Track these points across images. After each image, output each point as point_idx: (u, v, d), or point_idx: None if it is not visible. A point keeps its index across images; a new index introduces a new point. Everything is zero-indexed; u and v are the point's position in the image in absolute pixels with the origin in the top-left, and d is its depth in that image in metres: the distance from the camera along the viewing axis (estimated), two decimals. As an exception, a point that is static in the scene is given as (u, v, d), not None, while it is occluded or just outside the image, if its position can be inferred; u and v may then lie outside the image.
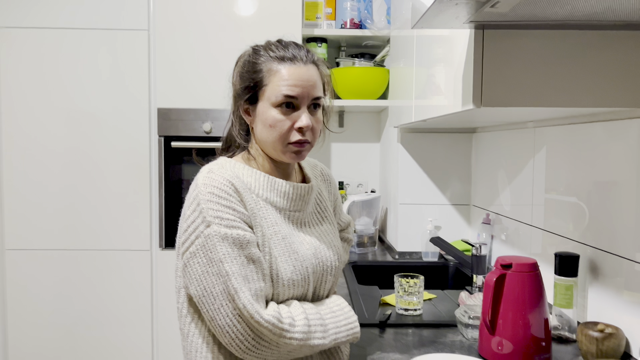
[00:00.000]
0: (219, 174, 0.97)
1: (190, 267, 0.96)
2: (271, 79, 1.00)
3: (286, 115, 1.00)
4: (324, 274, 1.08)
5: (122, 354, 2.30)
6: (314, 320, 0.98)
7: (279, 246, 1.00)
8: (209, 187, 0.95)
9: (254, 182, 1.02)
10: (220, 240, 0.93)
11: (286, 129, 1.00)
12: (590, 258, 1.29)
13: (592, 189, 1.28)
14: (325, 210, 1.16)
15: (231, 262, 0.92)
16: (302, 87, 1.00)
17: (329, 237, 1.12)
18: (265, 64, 1.01)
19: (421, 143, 2.20)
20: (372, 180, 2.81)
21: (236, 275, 0.92)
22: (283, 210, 1.04)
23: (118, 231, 2.27)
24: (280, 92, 0.99)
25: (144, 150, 2.25)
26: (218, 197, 0.95)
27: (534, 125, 1.60)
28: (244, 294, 0.91)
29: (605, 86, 1.04)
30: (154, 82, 2.24)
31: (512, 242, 1.75)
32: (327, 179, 1.24)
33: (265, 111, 1.01)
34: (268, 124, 1.00)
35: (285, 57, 1.01)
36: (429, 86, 1.55)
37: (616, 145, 1.19)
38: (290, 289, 1.00)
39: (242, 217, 0.96)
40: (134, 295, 2.29)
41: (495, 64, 1.03)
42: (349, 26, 2.51)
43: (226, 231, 0.93)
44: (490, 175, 1.97)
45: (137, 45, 2.23)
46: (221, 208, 0.94)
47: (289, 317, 0.95)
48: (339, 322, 1.02)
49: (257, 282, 0.94)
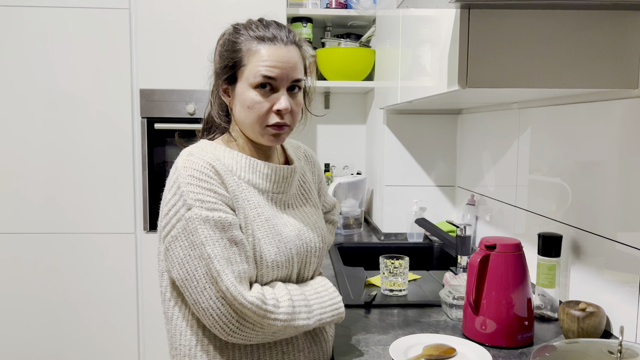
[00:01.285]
0: (199, 157, 0.96)
1: (172, 250, 0.95)
2: (250, 59, 0.98)
3: (265, 97, 0.98)
4: (308, 255, 1.07)
5: (108, 338, 2.29)
6: (298, 301, 0.98)
7: (262, 228, 0.99)
8: (189, 170, 0.94)
9: (235, 165, 1.01)
10: (201, 223, 0.92)
11: (264, 111, 0.99)
12: (572, 238, 1.30)
13: (576, 170, 1.29)
14: (309, 192, 1.15)
15: (213, 244, 0.91)
16: (282, 68, 0.98)
17: (313, 218, 1.12)
18: (245, 43, 0.99)
19: (407, 124, 2.20)
20: (358, 162, 2.80)
21: (218, 257, 0.91)
22: (266, 192, 1.03)
23: (102, 214, 2.24)
24: (258, 73, 0.97)
25: (127, 132, 2.21)
26: (198, 180, 0.93)
27: (518, 106, 1.60)
28: (227, 276, 0.91)
29: (590, 67, 1.04)
30: (135, 63, 2.20)
31: (497, 222, 1.77)
32: (310, 161, 1.23)
33: (243, 92, 0.99)
34: (246, 105, 0.99)
35: (266, 37, 0.99)
36: (414, 67, 1.54)
37: (599, 126, 1.20)
38: (274, 270, 1.00)
39: (223, 200, 0.95)
40: (119, 279, 2.27)
41: (481, 45, 1.02)
42: (334, 6, 2.48)
43: (207, 214, 0.92)
44: (475, 157, 1.98)
45: (118, 24, 2.17)
46: (202, 191, 0.93)
47: (273, 298, 0.95)
48: (323, 302, 1.02)
49: (240, 264, 0.93)
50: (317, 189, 1.24)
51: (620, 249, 1.12)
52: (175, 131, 2.18)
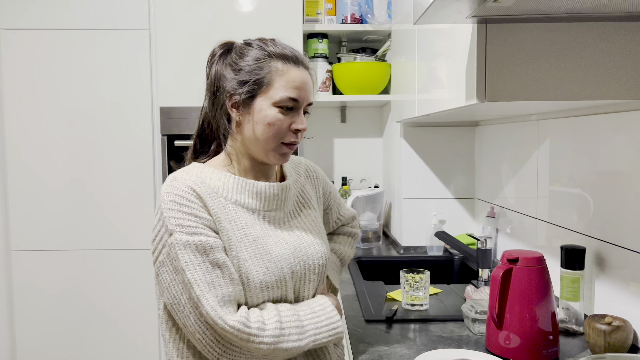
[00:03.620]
0: (181, 181, 0.97)
1: (160, 276, 0.96)
2: (276, 78, 0.99)
3: (285, 116, 1.00)
4: (307, 273, 1.06)
5: (130, 353, 2.31)
6: (288, 322, 0.96)
7: (249, 248, 0.98)
8: (171, 195, 0.95)
9: (222, 186, 1.01)
10: (182, 248, 0.92)
11: (284, 129, 1.00)
12: (596, 250, 1.28)
13: (597, 180, 1.28)
14: (308, 208, 1.14)
15: (194, 269, 0.92)
16: (304, 91, 1.01)
17: (312, 234, 1.10)
18: (268, 61, 1.00)
19: (424, 137, 2.20)
20: (375, 175, 2.80)
21: (199, 282, 0.91)
22: (256, 211, 1.03)
23: (123, 230, 2.27)
24: (285, 94, 0.99)
25: (148, 149, 2.25)
26: (179, 205, 0.94)
27: (537, 117, 1.59)
28: (207, 301, 0.91)
29: (609, 78, 1.03)
30: (155, 81, 2.24)
31: (517, 235, 1.75)
32: (312, 175, 1.21)
33: (264, 109, 0.99)
34: (266, 122, 0.99)
35: (290, 58, 1.01)
36: (431, 80, 1.55)
37: (620, 137, 1.18)
38: (264, 291, 0.98)
39: (204, 223, 0.95)
40: (140, 294, 2.29)
41: (499, 59, 1.02)
42: (349, 21, 2.50)
43: (188, 238, 0.93)
44: (494, 169, 1.97)
45: (138, 45, 2.22)
46: (182, 215, 0.94)
47: (258, 321, 0.94)
48: (319, 322, 1.00)
49: (224, 287, 0.93)
50: (324, 204, 1.23)
51: (646, 261, 1.10)
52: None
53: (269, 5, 2.21)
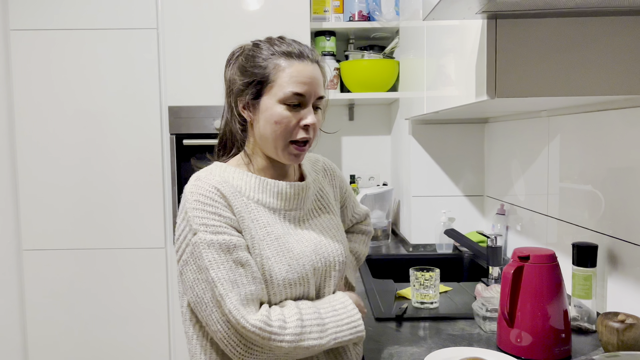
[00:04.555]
0: (205, 181, 0.98)
1: (184, 275, 0.97)
2: (279, 74, 0.99)
3: (292, 112, 0.99)
4: (328, 269, 1.06)
5: (139, 352, 2.32)
6: (309, 320, 0.96)
7: (271, 246, 0.99)
8: (195, 194, 0.96)
9: (244, 185, 1.01)
10: (206, 247, 0.93)
11: (292, 126, 1.00)
12: (608, 247, 1.27)
13: (608, 177, 1.26)
14: (327, 206, 1.14)
15: (217, 268, 0.93)
16: (309, 85, 1.00)
17: (332, 231, 1.11)
18: (272, 59, 1.00)
19: (433, 134, 2.19)
20: (384, 173, 2.80)
21: (222, 281, 0.92)
22: (278, 210, 1.03)
23: (132, 229, 2.28)
24: (289, 89, 0.98)
25: (156, 148, 2.26)
26: (203, 205, 0.95)
27: (547, 114, 1.58)
28: (230, 300, 0.91)
29: (621, 73, 1.02)
30: (164, 81, 2.25)
31: (528, 232, 1.74)
32: (329, 173, 1.22)
33: (270, 107, 0.99)
34: (273, 120, 0.99)
35: (293, 54, 1.00)
36: (440, 77, 1.54)
37: (632, 132, 1.17)
38: (287, 289, 0.99)
39: (228, 222, 0.96)
40: (150, 293, 2.30)
41: (509, 54, 1.01)
42: (357, 18, 2.49)
43: (212, 237, 0.93)
44: (504, 166, 1.95)
45: (146, 44, 2.23)
46: (206, 215, 0.94)
47: (279, 319, 0.94)
48: (340, 320, 0.99)
49: (247, 285, 0.94)
50: (340, 201, 1.23)
51: (659, 258, 1.09)
52: (204, 146, 2.21)
53: (277, 4, 2.21)
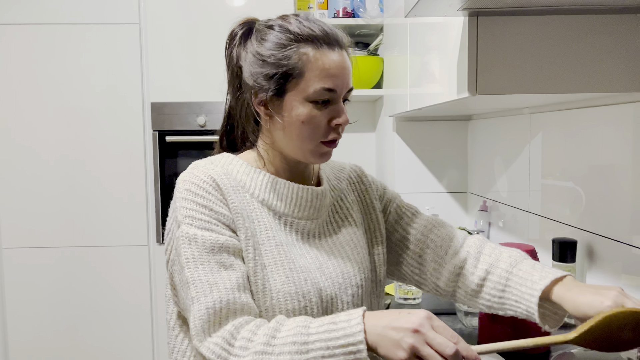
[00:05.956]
0: (203, 170, 0.85)
1: (173, 277, 0.85)
2: (307, 67, 0.83)
3: (321, 111, 0.85)
4: (338, 294, 0.87)
5: (123, 350, 2.30)
6: (285, 337, 0.73)
7: (270, 253, 0.84)
8: (187, 183, 0.84)
9: (250, 181, 0.88)
10: (187, 242, 0.80)
11: (323, 126, 0.86)
12: (587, 243, 1.29)
13: (589, 174, 1.28)
14: (346, 219, 0.96)
15: (195, 267, 0.79)
16: (342, 77, 0.85)
17: (346, 253, 0.92)
18: (296, 47, 0.83)
19: (417, 131, 2.19)
20: (369, 170, 2.77)
21: (197, 282, 0.78)
22: (284, 216, 0.88)
23: (115, 227, 2.26)
24: (319, 85, 0.83)
25: (139, 145, 2.24)
26: (194, 195, 0.83)
27: (529, 111, 1.59)
28: (199, 307, 0.76)
29: (601, 71, 1.03)
30: (146, 76, 2.23)
31: (510, 228, 1.76)
32: (356, 181, 1.04)
33: (296, 105, 0.84)
34: (300, 121, 0.84)
35: (321, 39, 0.84)
36: (423, 74, 1.54)
37: (612, 130, 1.19)
38: (283, 304, 0.82)
39: (220, 219, 0.82)
40: (133, 291, 2.28)
41: (490, 51, 1.02)
42: (341, 15, 2.49)
43: (196, 232, 0.80)
44: (487, 162, 1.97)
45: (128, 39, 2.20)
46: (195, 207, 0.82)
47: (245, 338, 0.74)
48: (333, 340, 0.71)
49: (229, 292, 0.77)
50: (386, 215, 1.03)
51: (636, 253, 1.11)
52: (187, 142, 2.20)
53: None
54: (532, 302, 0.83)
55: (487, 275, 0.91)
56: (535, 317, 0.83)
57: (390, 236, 1.02)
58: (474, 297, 0.93)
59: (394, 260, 1.03)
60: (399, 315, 0.70)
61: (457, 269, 0.95)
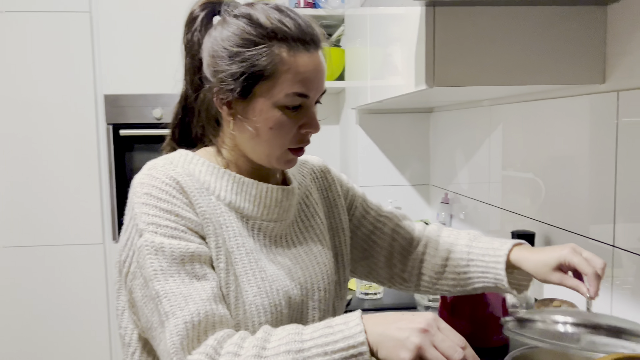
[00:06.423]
0: (162, 171, 0.76)
1: (134, 292, 0.75)
2: (280, 70, 0.75)
3: (291, 117, 0.78)
4: (305, 300, 0.83)
5: (80, 350, 2.22)
6: (276, 347, 0.66)
7: (241, 262, 0.77)
8: (146, 186, 0.75)
9: (215, 182, 0.80)
10: (152, 252, 0.71)
11: (292, 133, 0.79)
12: (546, 235, 1.30)
13: (548, 165, 1.29)
14: (312, 218, 0.90)
15: (164, 280, 0.70)
16: (316, 81, 0.78)
17: (314, 253, 0.87)
18: (268, 46, 0.75)
19: (379, 124, 2.18)
20: (333, 163, 2.77)
21: (170, 295, 0.69)
22: (252, 219, 0.81)
23: (68, 225, 2.17)
24: (292, 90, 0.76)
25: (92, 139, 2.15)
26: (156, 199, 0.74)
27: (489, 103, 1.59)
28: (175, 322, 0.68)
29: (557, 63, 1.03)
30: (99, 67, 2.13)
31: (471, 220, 1.76)
32: (319, 177, 0.97)
33: (265, 110, 0.77)
34: (268, 126, 0.77)
35: (297, 39, 0.76)
36: (383, 66, 1.52)
37: (570, 122, 1.19)
38: (256, 317, 0.76)
39: (188, 225, 0.74)
40: (89, 290, 2.21)
41: (447, 43, 1.00)
42: (302, 5, 2.44)
43: (162, 241, 0.72)
44: (448, 155, 1.97)
45: (78, 28, 2.10)
46: (159, 213, 0.73)
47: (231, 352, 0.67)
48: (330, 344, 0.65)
49: (206, 303, 0.70)
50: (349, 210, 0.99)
51: (592, 244, 1.12)
52: (144, 137, 2.12)
53: (219, -12, 2.14)
54: (498, 268, 0.86)
55: (449, 255, 0.94)
56: (505, 283, 0.86)
57: (356, 231, 0.99)
58: (439, 279, 0.95)
59: (360, 256, 0.99)
60: (402, 316, 0.66)
61: (420, 255, 0.97)
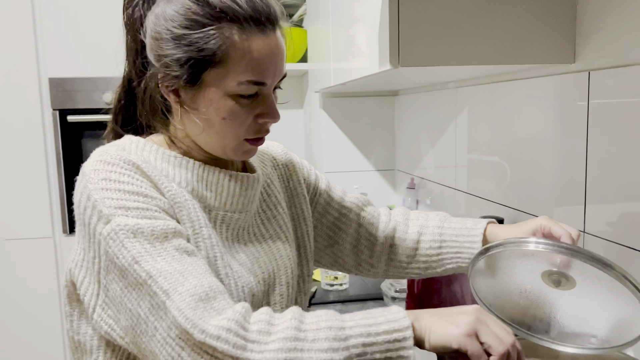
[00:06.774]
0: (116, 156, 0.68)
1: (109, 290, 0.64)
2: (231, 55, 0.68)
3: (246, 105, 0.71)
4: (267, 297, 0.78)
5: (32, 349, 2.11)
6: (314, 322, 0.59)
7: (207, 258, 0.70)
8: (102, 172, 0.66)
9: (172, 170, 0.72)
10: (129, 236, 0.62)
11: (248, 123, 0.72)
12: (513, 220, 1.27)
13: (513, 148, 1.26)
14: (275, 208, 0.85)
15: (152, 259, 0.61)
16: (273, 66, 0.71)
17: (277, 246, 0.82)
18: (218, 28, 0.67)
19: (343, 108, 2.12)
20: (297, 149, 2.70)
21: (164, 273, 0.61)
22: (214, 209, 0.74)
23: (14, 218, 2.04)
24: (245, 78, 0.69)
25: (37, 126, 2.01)
26: (118, 183, 0.65)
27: (455, 85, 1.55)
28: (180, 296, 0.59)
29: (525, 42, 1.00)
30: (42, 49, 1.99)
31: (437, 206, 1.73)
32: (281, 165, 0.91)
33: (216, 99, 0.69)
34: (221, 117, 0.70)
35: (250, 20, 0.68)
36: (347, 47, 1.46)
37: (534, 103, 1.16)
38: None
39: (159, 205, 0.66)
40: (39, 286, 2.09)
41: (412, 21, 0.95)
42: (262, -16, 2.34)
43: (138, 222, 0.63)
44: (413, 139, 1.93)
45: (19, 7, 1.95)
46: (124, 196, 0.65)
47: (261, 320, 0.59)
48: (372, 324, 0.59)
49: (207, 275, 0.62)
50: (312, 198, 0.94)
51: (560, 230, 1.09)
52: (93, 122, 2.00)
53: (172, -36, 2.02)
54: (474, 248, 0.85)
55: (420, 237, 0.91)
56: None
57: (321, 219, 0.94)
58: (410, 262, 0.92)
59: (325, 244, 0.95)
60: (446, 309, 0.63)
61: (389, 240, 0.94)
